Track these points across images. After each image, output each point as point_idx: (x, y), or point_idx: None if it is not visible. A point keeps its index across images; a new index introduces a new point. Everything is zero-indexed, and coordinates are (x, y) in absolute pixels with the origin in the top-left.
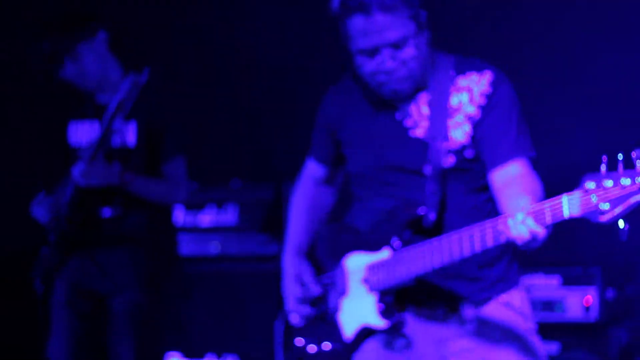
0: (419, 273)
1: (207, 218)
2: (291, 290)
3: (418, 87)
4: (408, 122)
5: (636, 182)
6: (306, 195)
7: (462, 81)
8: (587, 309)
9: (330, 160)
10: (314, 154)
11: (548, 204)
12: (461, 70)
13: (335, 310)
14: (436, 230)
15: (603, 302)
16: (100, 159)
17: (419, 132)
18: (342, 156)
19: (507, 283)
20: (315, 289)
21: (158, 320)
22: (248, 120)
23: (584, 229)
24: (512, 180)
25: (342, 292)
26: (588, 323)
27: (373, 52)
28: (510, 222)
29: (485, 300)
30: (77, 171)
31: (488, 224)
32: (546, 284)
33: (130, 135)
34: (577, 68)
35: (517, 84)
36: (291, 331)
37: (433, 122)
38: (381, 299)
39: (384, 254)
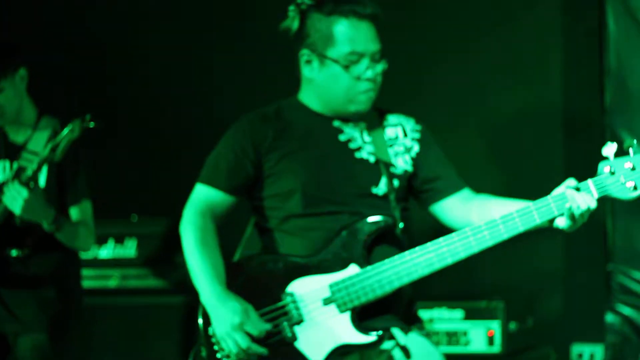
0: (405, 283)
1: (105, 252)
2: (237, 328)
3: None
4: (354, 144)
5: None
6: (210, 226)
7: (392, 119)
8: (491, 341)
9: (240, 191)
10: (220, 183)
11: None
12: (386, 111)
13: (294, 339)
14: (405, 240)
15: (506, 334)
16: (40, 195)
17: (365, 154)
18: (261, 185)
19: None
20: (266, 323)
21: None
22: (145, 156)
23: (486, 263)
24: (479, 198)
25: (298, 320)
26: (491, 354)
27: (356, 58)
28: (568, 194)
29: (409, 328)
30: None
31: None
32: (450, 317)
33: (40, 177)
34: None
35: None
36: None
37: (378, 147)
38: (358, 315)
39: (351, 270)
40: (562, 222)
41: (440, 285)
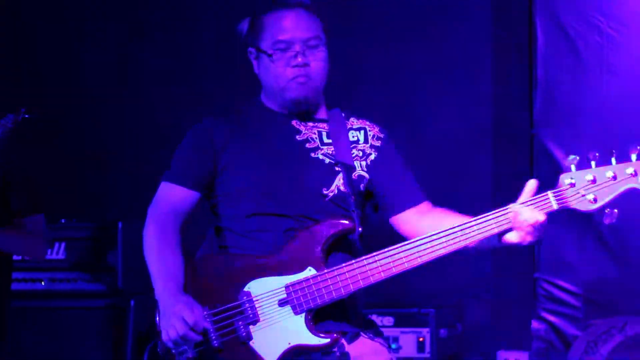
0: (361, 287)
1: None
2: (176, 314)
3: (316, 116)
4: (310, 145)
5: (621, 174)
6: (171, 224)
7: (356, 122)
8: (421, 347)
9: (202, 186)
10: (180, 179)
11: (535, 199)
12: (352, 114)
13: (248, 338)
14: (362, 245)
15: (436, 340)
16: None
17: (321, 155)
18: (215, 182)
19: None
20: (210, 323)
21: None
22: (75, 160)
23: (416, 271)
24: (435, 212)
25: (253, 319)
26: None
27: (284, 47)
28: (518, 210)
29: (357, 335)
30: None
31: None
32: (381, 324)
33: None
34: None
35: None
36: None
37: (338, 148)
38: (314, 317)
39: (308, 272)
40: (512, 237)
41: (372, 292)
